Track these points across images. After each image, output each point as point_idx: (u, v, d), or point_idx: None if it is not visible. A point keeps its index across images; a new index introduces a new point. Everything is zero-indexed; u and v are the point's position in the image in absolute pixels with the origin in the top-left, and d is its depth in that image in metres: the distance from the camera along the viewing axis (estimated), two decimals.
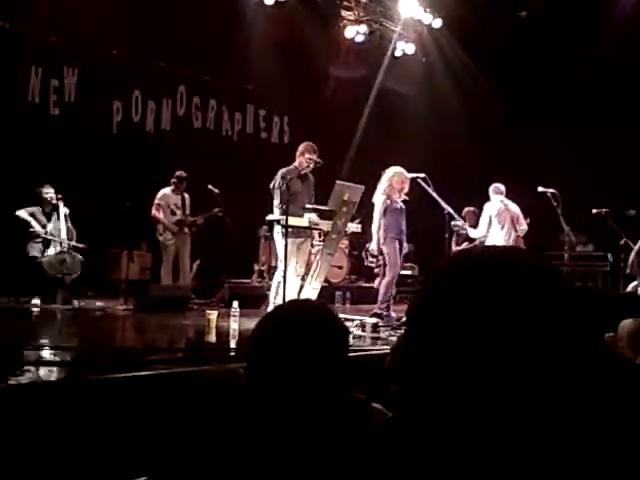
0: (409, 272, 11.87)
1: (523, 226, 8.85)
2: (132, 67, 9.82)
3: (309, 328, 1.43)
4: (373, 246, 7.37)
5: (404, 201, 7.50)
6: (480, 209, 9.11)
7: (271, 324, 1.49)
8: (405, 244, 7.49)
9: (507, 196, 8.99)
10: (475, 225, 9.15)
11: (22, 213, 8.12)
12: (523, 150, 11.64)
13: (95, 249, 8.83)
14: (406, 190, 7.44)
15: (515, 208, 8.86)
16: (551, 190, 9.09)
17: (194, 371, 4.03)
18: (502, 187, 8.87)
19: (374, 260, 7.93)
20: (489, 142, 11.85)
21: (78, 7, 8.79)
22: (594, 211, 9.70)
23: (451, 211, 8.49)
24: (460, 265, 0.80)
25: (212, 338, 5.82)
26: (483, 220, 8.84)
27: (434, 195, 8.00)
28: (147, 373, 3.91)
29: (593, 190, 10.42)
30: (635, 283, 9.59)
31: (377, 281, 7.75)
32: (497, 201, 8.79)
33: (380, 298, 7.27)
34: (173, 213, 8.90)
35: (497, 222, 8.70)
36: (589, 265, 11.25)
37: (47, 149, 8.83)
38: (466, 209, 9.86)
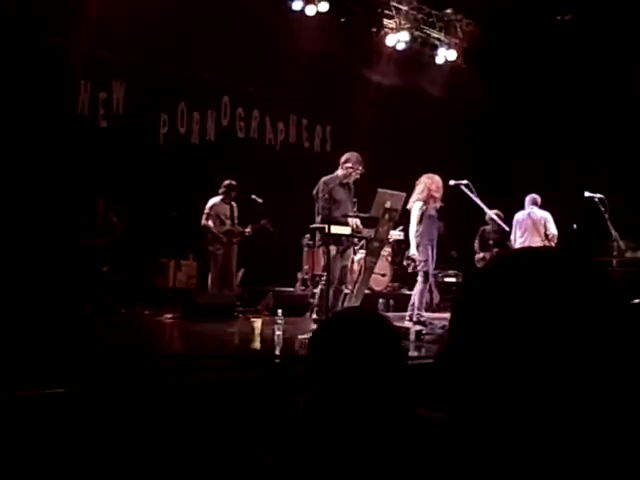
0: (454, 279, 11.77)
1: (550, 231, 8.82)
2: (177, 80, 10.01)
3: (362, 334, 1.48)
4: (413, 251, 7.37)
5: (439, 209, 7.54)
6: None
7: (327, 331, 1.56)
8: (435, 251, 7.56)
9: (552, 201, 8.96)
10: (498, 229, 9.33)
11: None
12: (569, 156, 11.45)
13: (142, 258, 9.02)
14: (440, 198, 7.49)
15: (540, 214, 8.93)
16: (598, 195, 8.96)
17: (241, 378, 4.10)
18: (537, 197, 9.10)
19: (412, 265, 7.90)
20: (535, 150, 11.71)
21: (125, 22, 9.01)
22: None
23: (494, 217, 8.44)
24: (504, 266, 0.78)
25: (257, 345, 5.90)
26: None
27: (477, 201, 7.94)
28: (193, 379, 3.99)
29: None
30: None
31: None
32: (524, 210, 9.08)
33: (416, 304, 7.29)
34: (222, 223, 8.99)
35: (518, 229, 9.06)
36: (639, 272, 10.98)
37: (96, 161, 9.06)
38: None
